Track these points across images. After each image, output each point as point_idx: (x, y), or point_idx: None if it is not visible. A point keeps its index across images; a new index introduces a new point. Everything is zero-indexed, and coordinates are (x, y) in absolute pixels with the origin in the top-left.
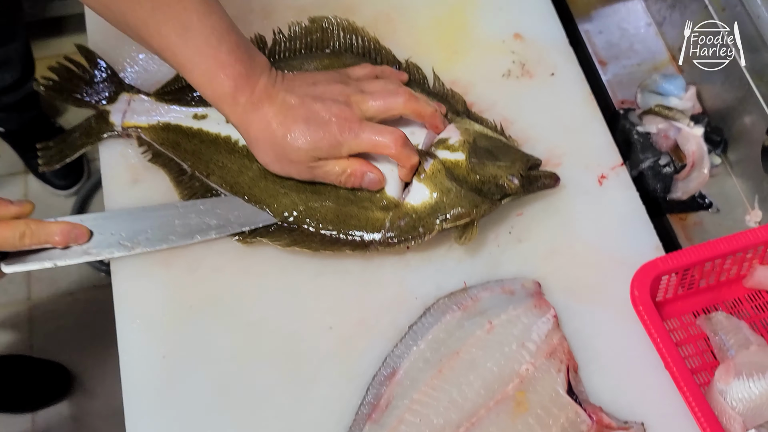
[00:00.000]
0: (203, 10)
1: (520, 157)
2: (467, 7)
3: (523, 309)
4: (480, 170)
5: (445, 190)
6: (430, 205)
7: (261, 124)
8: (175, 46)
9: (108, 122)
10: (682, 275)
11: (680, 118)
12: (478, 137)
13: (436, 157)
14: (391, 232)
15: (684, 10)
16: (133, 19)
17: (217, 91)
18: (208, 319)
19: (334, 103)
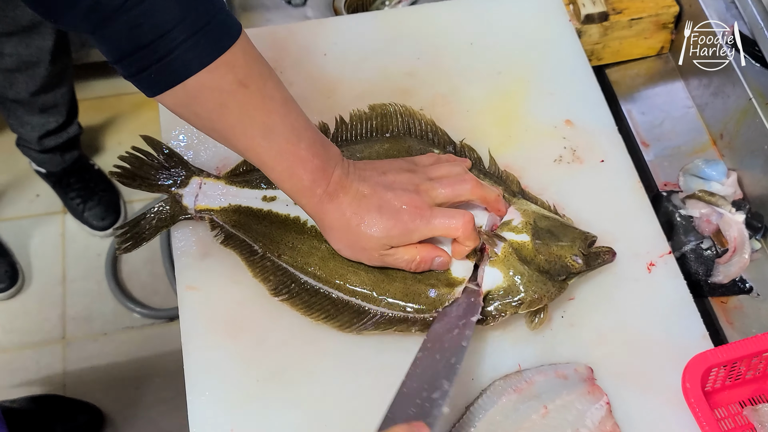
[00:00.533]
0: (284, 112)
1: (578, 235)
2: (520, 92)
3: (576, 394)
4: (545, 251)
5: (517, 273)
6: (504, 288)
7: (336, 214)
8: (260, 146)
9: (182, 206)
10: (730, 367)
11: (722, 204)
12: (538, 218)
13: (506, 240)
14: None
15: (726, 98)
16: (220, 124)
17: (297, 186)
18: (274, 392)
19: (404, 192)
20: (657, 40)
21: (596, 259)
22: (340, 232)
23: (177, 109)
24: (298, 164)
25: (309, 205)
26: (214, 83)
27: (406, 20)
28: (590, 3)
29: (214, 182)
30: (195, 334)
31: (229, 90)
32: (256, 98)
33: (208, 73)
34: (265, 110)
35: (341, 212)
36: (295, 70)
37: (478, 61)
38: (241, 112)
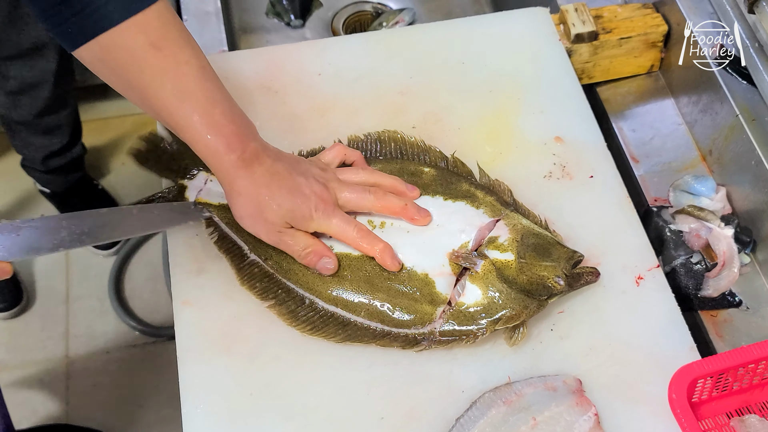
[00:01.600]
0: (200, 78)
1: (564, 254)
2: (511, 110)
3: (565, 406)
4: (528, 271)
5: (496, 291)
6: (482, 305)
7: (247, 181)
8: (173, 107)
9: (183, 196)
10: (717, 378)
11: (711, 218)
12: (526, 234)
13: (487, 258)
14: (447, 332)
15: (715, 115)
16: (135, 83)
17: (209, 149)
18: (268, 406)
19: (315, 182)
20: (647, 59)
21: (579, 280)
22: (246, 200)
23: (95, 64)
24: (211, 128)
25: (221, 169)
26: (125, 42)
27: (399, 40)
28: (580, 23)
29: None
30: (190, 348)
31: (141, 50)
32: (169, 62)
33: (120, 31)
34: (179, 74)
35: (252, 181)
36: (291, 89)
37: (470, 80)
38: (153, 73)
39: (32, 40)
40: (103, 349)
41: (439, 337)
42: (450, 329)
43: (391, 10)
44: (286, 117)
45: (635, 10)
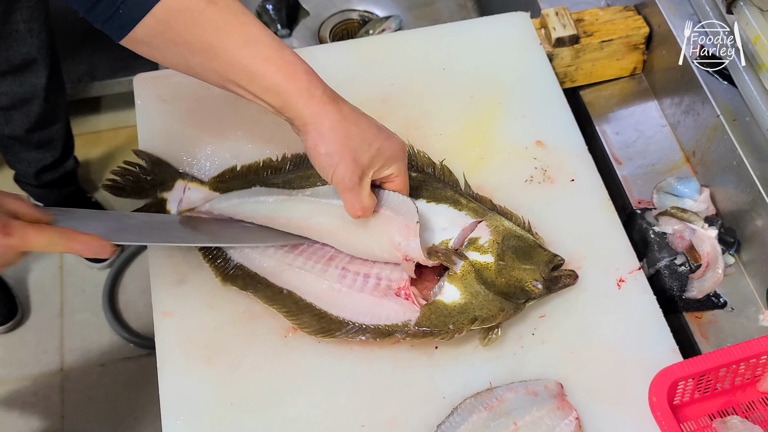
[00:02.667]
0: (260, 25)
1: (544, 258)
2: (492, 115)
3: (546, 410)
4: (507, 274)
5: (474, 292)
6: (460, 305)
7: (337, 117)
8: (243, 57)
9: (165, 210)
10: (698, 380)
11: (695, 220)
12: (507, 236)
13: (467, 259)
14: (423, 325)
15: (697, 116)
16: (197, 46)
17: (293, 87)
18: (249, 416)
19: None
20: (629, 61)
21: (557, 283)
22: (336, 136)
23: (153, 40)
24: (289, 66)
25: (308, 106)
26: (181, 4)
27: (380, 47)
28: (561, 27)
29: (198, 187)
30: (170, 359)
31: (197, 8)
32: (227, 14)
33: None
34: (239, 23)
35: (343, 117)
36: None
37: (451, 86)
38: (216, 28)
39: (22, 56)
40: (98, 362)
41: (413, 331)
42: (427, 324)
43: (378, 17)
44: (267, 126)
45: (616, 12)
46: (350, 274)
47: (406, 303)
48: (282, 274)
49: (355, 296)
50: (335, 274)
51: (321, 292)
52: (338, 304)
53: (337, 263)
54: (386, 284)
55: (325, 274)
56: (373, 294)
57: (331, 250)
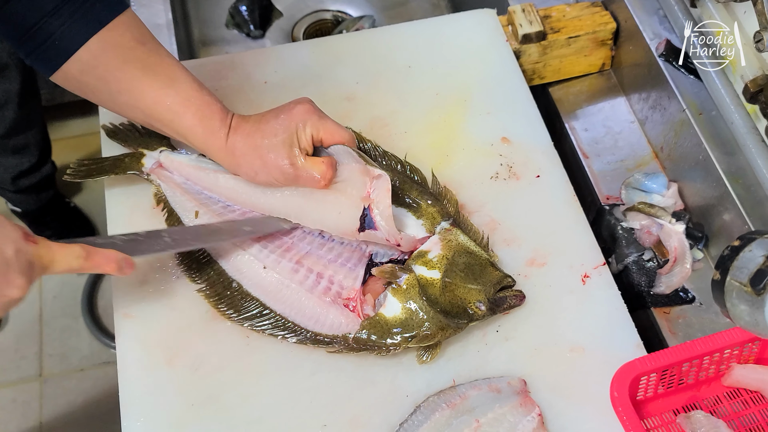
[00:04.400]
0: (180, 66)
1: (493, 278)
2: (457, 112)
3: (509, 407)
4: (451, 292)
5: (415, 309)
6: (400, 320)
7: (244, 140)
8: (167, 95)
9: (138, 163)
10: (662, 374)
11: (662, 215)
12: (458, 253)
13: (412, 272)
14: (361, 339)
15: (664, 111)
16: (125, 83)
17: (208, 128)
18: (210, 417)
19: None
20: (597, 57)
21: (502, 305)
22: (250, 154)
23: (84, 77)
24: (206, 107)
25: (218, 144)
26: (115, 40)
27: (345, 46)
28: (527, 23)
29: (179, 156)
30: (131, 361)
31: (128, 46)
32: (155, 55)
33: (109, 31)
34: (165, 64)
35: (246, 135)
36: (235, 98)
37: (416, 83)
38: (144, 66)
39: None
40: (77, 367)
41: (352, 343)
42: (364, 338)
43: (351, 18)
44: None
45: (584, 8)
46: (303, 269)
47: (351, 315)
48: (235, 259)
49: (303, 297)
50: (288, 268)
51: (269, 284)
52: (285, 301)
53: (293, 255)
54: (337, 290)
55: (278, 266)
56: (321, 298)
57: (289, 241)
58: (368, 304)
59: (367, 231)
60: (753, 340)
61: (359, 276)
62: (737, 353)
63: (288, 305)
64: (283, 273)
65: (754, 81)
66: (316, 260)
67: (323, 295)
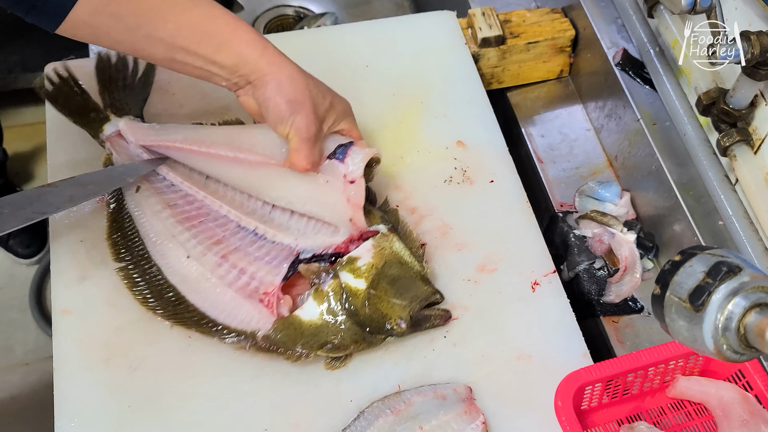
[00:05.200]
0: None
1: (421, 293)
2: (413, 114)
3: (453, 414)
4: (374, 305)
5: (333, 316)
6: (315, 326)
7: (295, 67)
8: (192, 16)
9: (100, 125)
10: (606, 384)
11: (614, 223)
12: (389, 263)
13: (338, 278)
14: (270, 338)
15: (619, 120)
16: (143, 16)
17: (245, 39)
18: (147, 420)
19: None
20: (556, 64)
21: (425, 323)
22: (299, 82)
23: (96, 19)
24: (237, 21)
25: (264, 57)
26: None
27: (303, 43)
28: (487, 27)
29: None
30: (67, 359)
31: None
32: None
33: None
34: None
35: (298, 70)
36: (187, 92)
37: (373, 83)
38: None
39: None
40: (22, 360)
41: (260, 341)
42: (274, 338)
43: (313, 14)
44: (182, 120)
45: (544, 14)
46: (227, 264)
47: (265, 311)
48: (162, 244)
49: (221, 289)
50: (212, 261)
51: (189, 274)
52: (201, 293)
53: (220, 249)
54: (256, 285)
55: (202, 258)
56: (238, 292)
57: (221, 233)
58: (285, 303)
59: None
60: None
61: (281, 272)
62: (682, 365)
63: (203, 297)
64: (206, 265)
65: (707, 93)
66: (243, 256)
67: (241, 290)
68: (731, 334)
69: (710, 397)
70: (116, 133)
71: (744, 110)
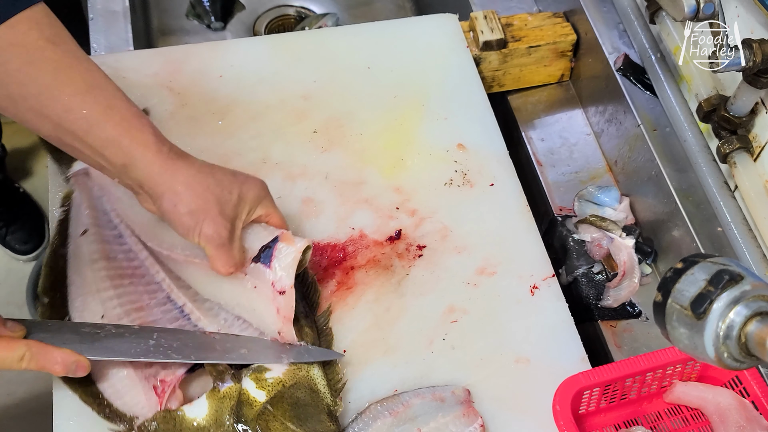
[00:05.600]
0: (104, 74)
1: (320, 429)
2: (414, 116)
3: (452, 417)
4: (265, 422)
5: (219, 422)
6: (197, 427)
7: (192, 171)
8: (84, 103)
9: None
10: (605, 389)
11: (613, 228)
12: (299, 385)
13: (239, 383)
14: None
15: (619, 125)
16: (33, 87)
17: (138, 139)
18: None
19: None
20: (557, 68)
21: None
22: (195, 191)
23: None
24: (134, 118)
25: (156, 162)
26: (17, 39)
27: (304, 44)
28: (489, 30)
29: None
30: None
31: (35, 46)
32: (69, 57)
33: (9, 28)
34: (83, 68)
35: (197, 170)
36: (189, 91)
37: (375, 85)
38: (56, 68)
39: None
40: None
41: (136, 429)
42: (149, 429)
43: (315, 14)
44: (184, 119)
45: (546, 18)
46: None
47: (153, 398)
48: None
49: (121, 366)
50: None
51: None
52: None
53: (138, 317)
54: (156, 368)
55: (117, 321)
56: (136, 371)
57: (147, 300)
58: (177, 397)
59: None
60: (698, 360)
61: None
62: (679, 370)
63: (99, 366)
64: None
65: (708, 100)
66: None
67: (140, 368)
68: (732, 343)
69: (707, 402)
70: (84, 171)
71: (744, 117)
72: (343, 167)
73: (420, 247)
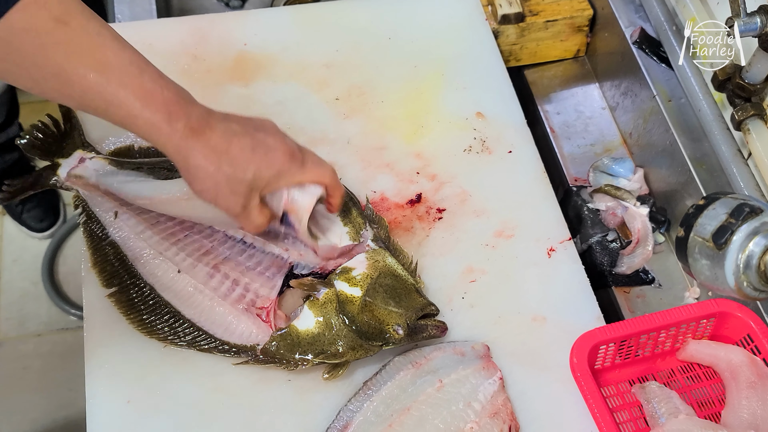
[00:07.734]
0: (118, 47)
1: (416, 304)
2: (434, 85)
3: (472, 370)
4: (370, 312)
5: (329, 324)
6: (312, 335)
7: (205, 151)
8: (97, 85)
9: (55, 174)
10: (620, 345)
11: (627, 197)
12: (383, 274)
13: (332, 287)
14: (269, 351)
15: (635, 98)
16: (47, 69)
17: (149, 120)
18: (173, 366)
19: (276, 135)
20: (573, 43)
21: (422, 332)
22: (207, 171)
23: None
24: (146, 96)
25: (169, 142)
26: (26, 23)
27: (326, 14)
28: (507, 4)
29: (98, 160)
30: (97, 308)
31: (45, 29)
32: (80, 35)
33: (20, 11)
34: (94, 46)
35: (210, 149)
36: (214, 59)
37: (395, 55)
38: (67, 51)
39: None
40: (34, 332)
41: (260, 354)
42: (272, 350)
43: None
44: (210, 85)
45: None
46: (219, 275)
47: (263, 325)
48: (151, 263)
49: (216, 303)
50: (204, 272)
51: (181, 289)
52: (196, 307)
53: (210, 260)
54: (251, 298)
55: (193, 270)
56: (234, 306)
57: (208, 245)
58: (281, 316)
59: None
60: (708, 317)
61: (276, 286)
62: (693, 329)
63: (199, 311)
64: (198, 277)
65: (723, 69)
66: (234, 266)
67: (236, 303)
68: (752, 272)
69: (719, 360)
70: (70, 174)
71: (759, 85)
72: (365, 133)
73: (440, 210)
